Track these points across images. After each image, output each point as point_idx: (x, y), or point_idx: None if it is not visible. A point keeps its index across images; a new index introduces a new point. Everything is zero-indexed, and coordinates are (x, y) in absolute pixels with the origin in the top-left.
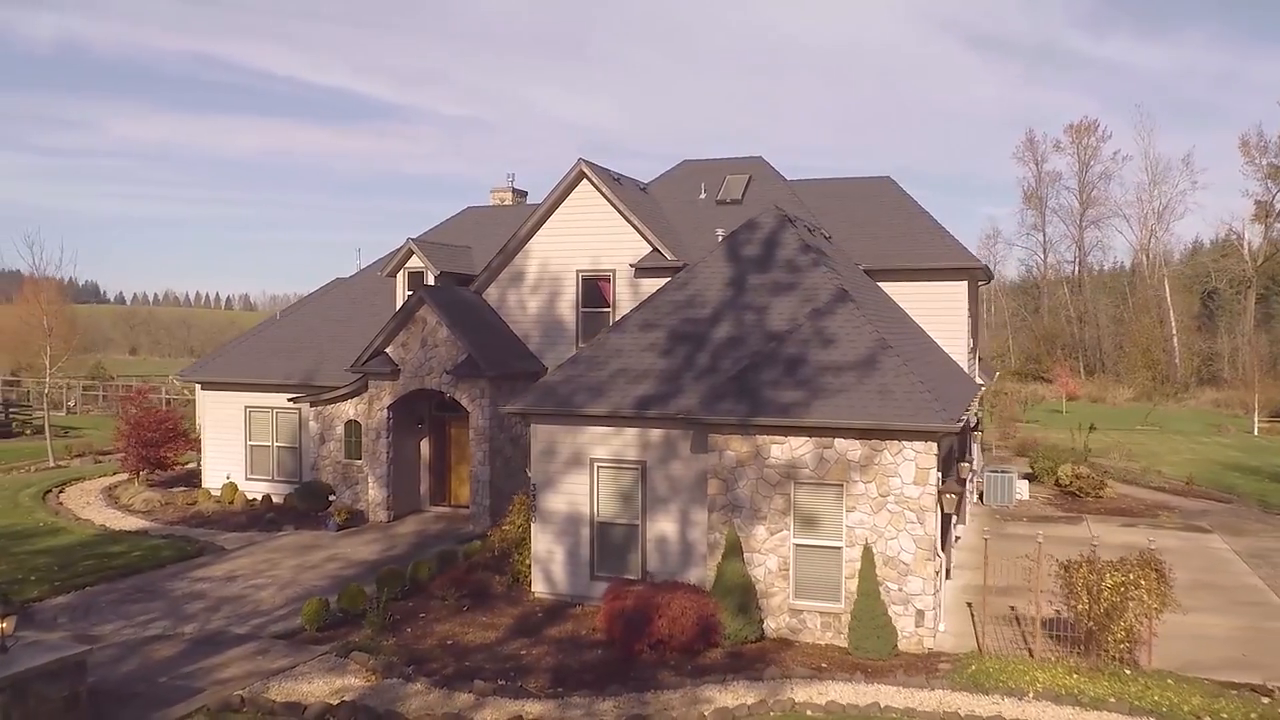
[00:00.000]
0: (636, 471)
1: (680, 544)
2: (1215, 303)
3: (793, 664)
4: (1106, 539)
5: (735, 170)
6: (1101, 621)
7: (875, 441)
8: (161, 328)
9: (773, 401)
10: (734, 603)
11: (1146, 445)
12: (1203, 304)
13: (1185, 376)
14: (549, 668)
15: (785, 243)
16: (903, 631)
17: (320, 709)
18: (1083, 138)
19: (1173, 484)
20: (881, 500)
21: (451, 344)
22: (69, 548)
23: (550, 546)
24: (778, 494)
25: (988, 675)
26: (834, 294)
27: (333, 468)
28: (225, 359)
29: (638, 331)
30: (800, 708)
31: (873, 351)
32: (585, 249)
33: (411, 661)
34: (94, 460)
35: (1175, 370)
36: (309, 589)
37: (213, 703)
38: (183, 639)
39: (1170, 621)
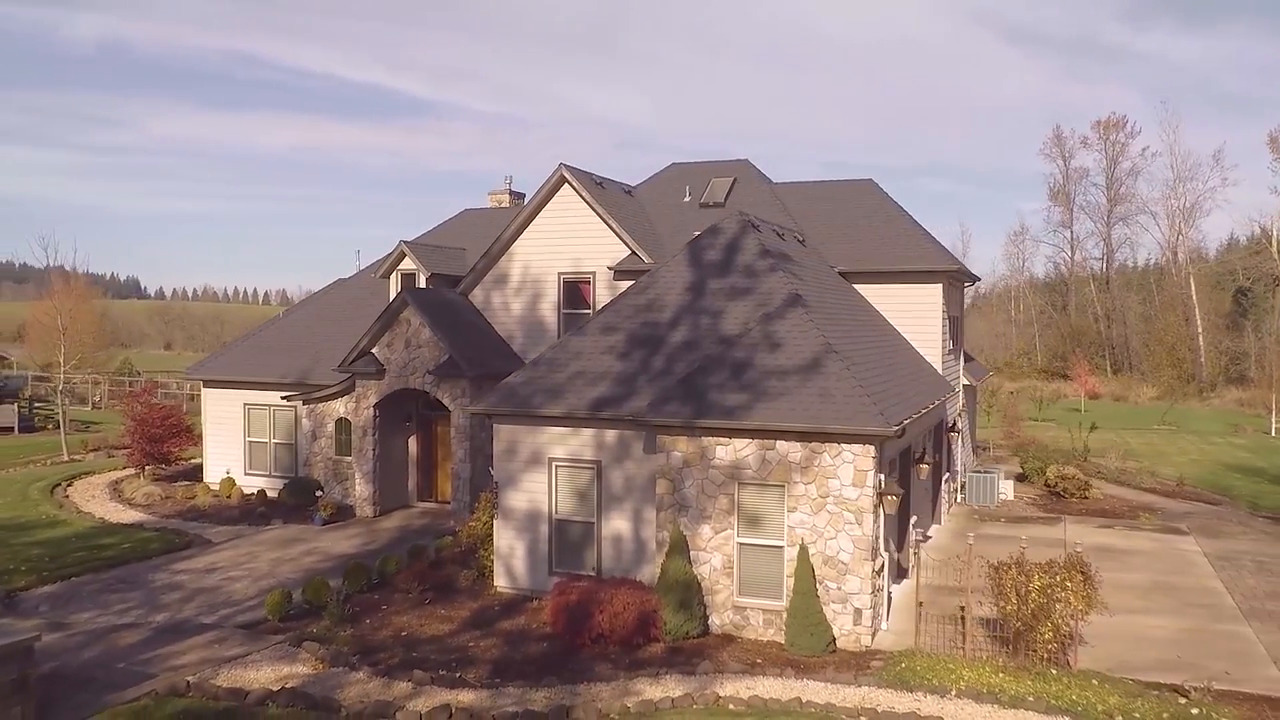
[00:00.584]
0: (593, 471)
1: (634, 541)
2: (1249, 300)
3: (729, 659)
4: (1079, 540)
5: (721, 173)
6: (1029, 622)
7: (815, 444)
8: (195, 323)
9: (718, 404)
10: (675, 599)
11: (1155, 445)
12: (1235, 302)
13: (1212, 375)
14: (492, 659)
15: (746, 248)
16: (841, 629)
17: (261, 695)
18: (1110, 134)
19: (1164, 485)
20: (821, 501)
21: (434, 345)
22: (64, 539)
23: (512, 542)
24: (722, 494)
25: (915, 673)
26: (785, 299)
27: (324, 464)
28: (227, 358)
29: (598, 334)
30: (723, 701)
31: (817, 355)
32: (566, 252)
33: (362, 652)
34: (108, 455)
35: (1200, 369)
36: (282, 581)
37: (161, 687)
38: (149, 627)
39: (1115, 623)
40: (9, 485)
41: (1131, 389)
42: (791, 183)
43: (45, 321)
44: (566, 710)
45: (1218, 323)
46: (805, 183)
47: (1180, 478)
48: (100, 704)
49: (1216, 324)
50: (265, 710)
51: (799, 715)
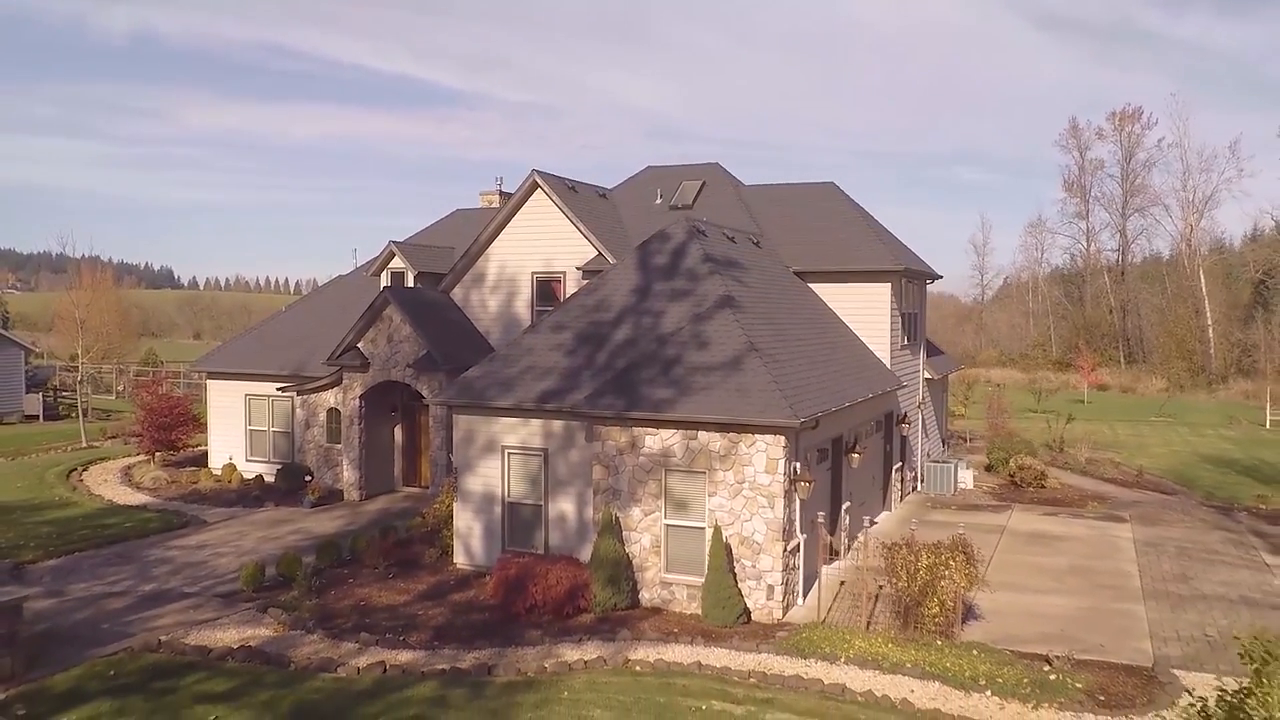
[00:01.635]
0: (540, 458)
1: (577, 522)
2: (1269, 291)
3: (649, 629)
4: (1017, 526)
5: (691, 176)
6: (917, 597)
7: (733, 434)
8: (223, 313)
9: (648, 398)
10: (605, 575)
11: (1142, 437)
12: (1255, 293)
13: (1222, 368)
14: (436, 625)
15: (690, 253)
16: (755, 604)
17: (222, 652)
18: (1126, 125)
19: (1125, 476)
20: (738, 486)
21: (414, 340)
22: (71, 519)
23: (470, 523)
24: (651, 479)
25: (812, 643)
26: (717, 301)
27: (316, 451)
28: (229, 351)
29: (549, 332)
30: (631, 664)
31: (739, 354)
32: (539, 252)
33: (322, 618)
34: (125, 442)
35: (1210, 361)
36: (264, 557)
37: (137, 645)
38: (136, 595)
39: (1018, 600)
40: (28, 470)
41: (1140, 381)
42: (758, 185)
43: (67, 314)
44: (489, 669)
45: (1231, 315)
46: (771, 185)
47: (1140, 468)
48: (82, 657)
49: (1230, 316)
50: (224, 664)
51: (695, 676)
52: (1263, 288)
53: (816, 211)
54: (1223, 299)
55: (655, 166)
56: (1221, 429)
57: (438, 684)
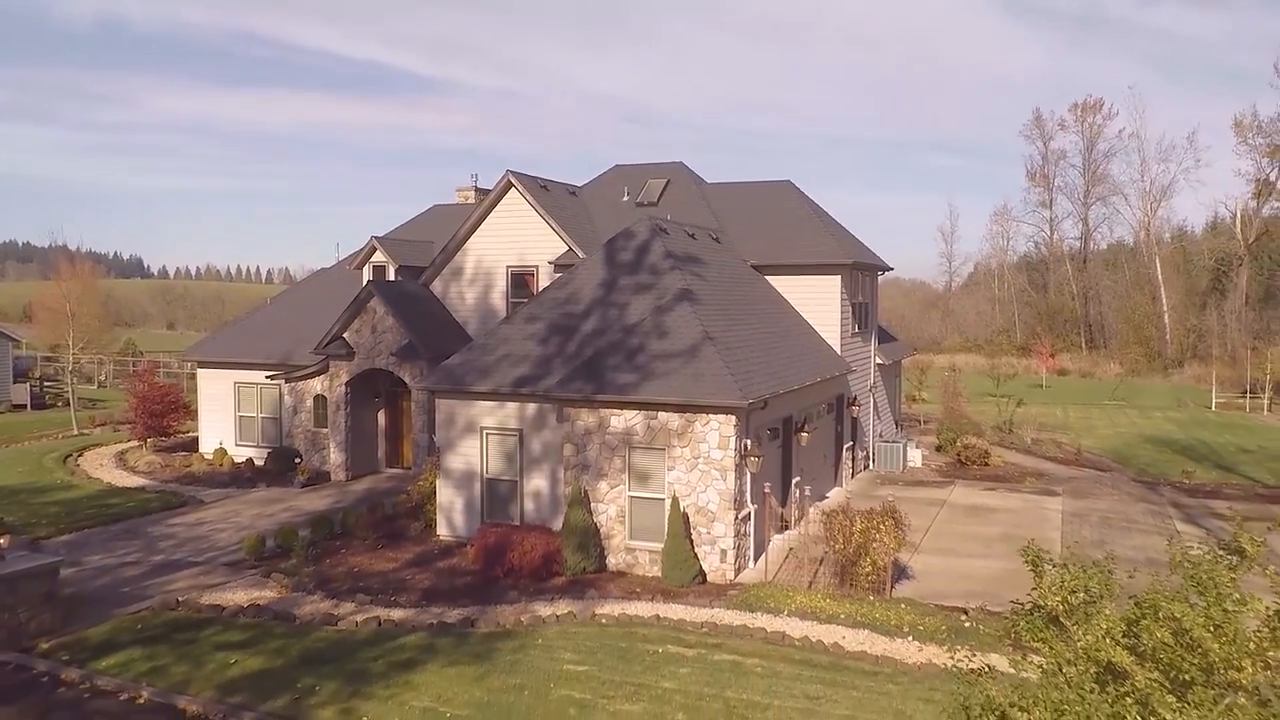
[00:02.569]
0: (516, 437)
1: (550, 496)
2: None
3: (615, 589)
4: (957, 500)
5: (657, 175)
6: (853, 558)
7: (690, 414)
8: (197, 303)
9: (613, 382)
10: (575, 542)
11: (1090, 419)
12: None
13: (1179, 353)
14: (424, 588)
15: (653, 249)
16: (710, 566)
17: (234, 610)
18: (1088, 116)
19: (1065, 454)
20: (694, 461)
21: (396, 330)
22: (76, 500)
23: (451, 497)
24: (617, 456)
25: (760, 599)
26: (676, 294)
27: (304, 435)
28: (218, 341)
29: (523, 323)
30: (598, 617)
31: (696, 343)
32: (514, 248)
33: (320, 582)
34: (114, 429)
35: (1166, 346)
36: (261, 531)
37: (156, 604)
38: (148, 565)
39: (948, 563)
40: (26, 456)
41: (1099, 366)
42: (720, 183)
43: (54, 306)
44: (472, 622)
45: (1189, 302)
46: (731, 183)
47: (1080, 448)
48: (109, 615)
49: (1187, 303)
50: (237, 620)
51: (654, 627)
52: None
53: (773, 208)
54: (1180, 286)
55: (622, 165)
56: (1169, 411)
57: (427, 634)
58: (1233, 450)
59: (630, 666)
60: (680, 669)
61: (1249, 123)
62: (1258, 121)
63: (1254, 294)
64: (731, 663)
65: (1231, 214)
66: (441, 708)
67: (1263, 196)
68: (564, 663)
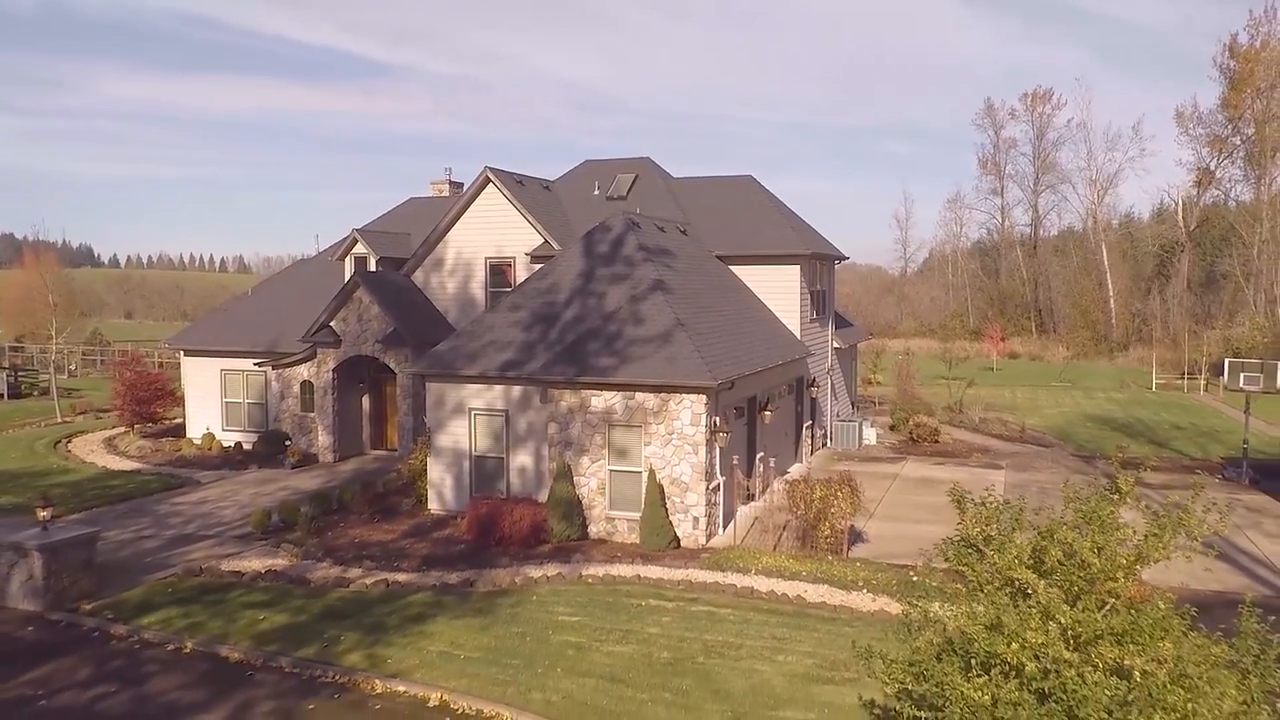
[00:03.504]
0: (503, 417)
1: (535, 471)
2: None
3: (597, 554)
4: (909, 474)
5: (625, 170)
6: (813, 522)
7: (664, 394)
8: (155, 292)
9: (593, 365)
10: (560, 512)
11: (1036, 399)
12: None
13: (1124, 336)
14: (423, 555)
15: (627, 242)
16: (684, 533)
17: (253, 575)
18: (1038, 106)
19: (1010, 432)
20: (669, 437)
21: (382, 318)
22: (79, 482)
23: (442, 474)
24: (597, 433)
25: (730, 560)
26: (650, 284)
27: (291, 419)
28: (204, 329)
29: (508, 311)
30: (585, 578)
31: (669, 329)
32: (492, 240)
33: (327, 551)
34: (95, 417)
35: (1112, 330)
36: (263, 507)
37: (181, 571)
38: (163, 538)
39: (900, 529)
40: (16, 443)
41: (1048, 349)
42: (685, 177)
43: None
44: (471, 583)
45: (1135, 287)
46: (696, 178)
47: (1024, 425)
48: (140, 581)
49: (1133, 288)
50: (257, 584)
51: (635, 585)
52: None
53: (736, 201)
54: (1126, 272)
55: (592, 160)
56: (1112, 392)
57: (432, 593)
58: (1167, 428)
59: (617, 617)
60: (662, 618)
61: (1190, 114)
62: (1198, 113)
63: (1195, 279)
64: (707, 612)
65: (1174, 202)
66: (455, 651)
67: (1203, 185)
68: (558, 615)
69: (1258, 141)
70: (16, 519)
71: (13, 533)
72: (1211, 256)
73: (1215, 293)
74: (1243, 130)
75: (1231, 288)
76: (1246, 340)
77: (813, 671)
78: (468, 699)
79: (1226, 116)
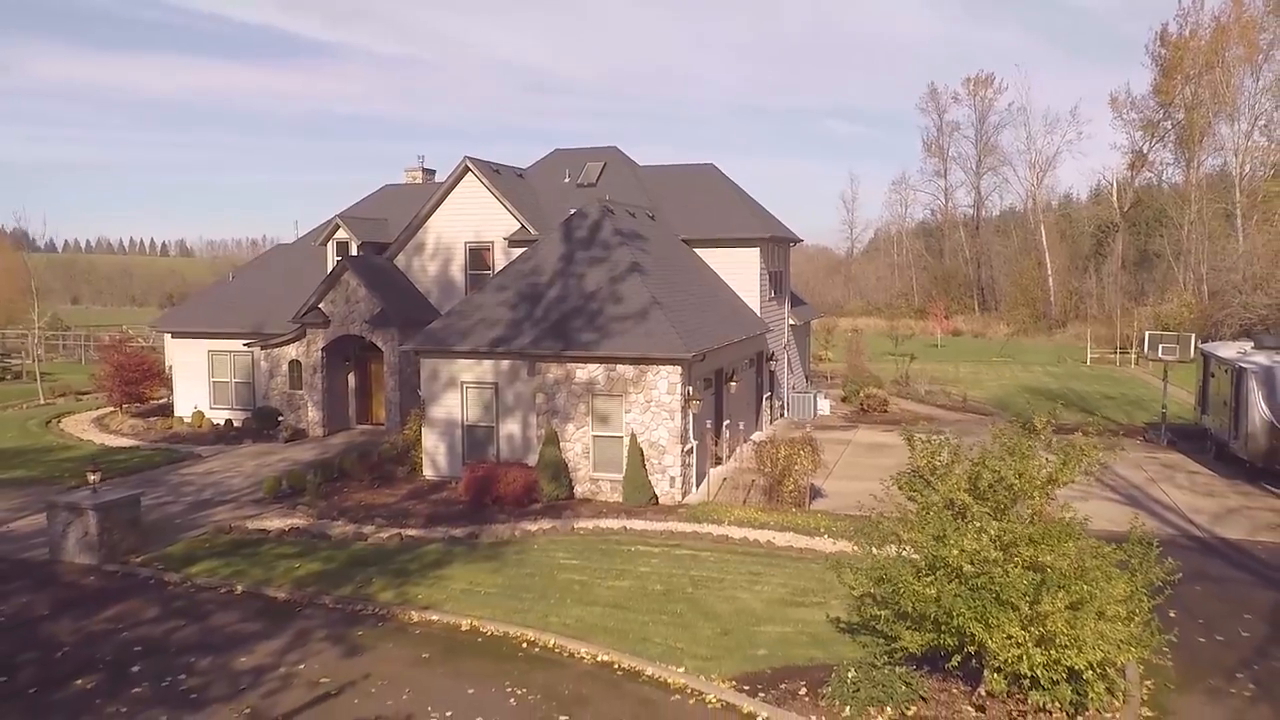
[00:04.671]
0: (492, 390)
1: (522, 437)
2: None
3: (585, 511)
4: (860, 440)
5: (594, 158)
6: (779, 479)
7: (643, 366)
8: (103, 277)
9: (577, 340)
10: (549, 474)
11: (978, 373)
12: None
13: (1062, 313)
14: (426, 514)
15: (603, 227)
16: (661, 491)
17: (278, 531)
18: (980, 90)
19: (953, 403)
20: (647, 404)
21: (369, 300)
22: (85, 456)
23: (436, 442)
24: (581, 402)
25: (704, 513)
26: (627, 266)
27: (280, 396)
28: (188, 312)
29: (495, 292)
30: (576, 530)
31: (645, 307)
32: (471, 226)
33: (339, 512)
34: (75, 399)
35: (1051, 308)
36: (269, 476)
37: (212, 530)
38: (184, 503)
39: (853, 486)
40: (7, 424)
41: (990, 326)
42: (651, 166)
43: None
44: (475, 536)
45: (1073, 266)
46: (661, 166)
47: (965, 396)
48: (177, 538)
49: (1071, 267)
50: (284, 539)
51: (623, 535)
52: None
53: (699, 189)
54: (1064, 251)
55: (562, 149)
56: (1049, 366)
57: (441, 544)
58: (1098, 397)
59: (612, 560)
60: (651, 560)
61: (1124, 99)
62: (1131, 98)
63: (1129, 259)
64: (690, 555)
65: (1109, 184)
66: (474, 588)
67: (1136, 168)
68: (559, 559)
69: (1187, 127)
70: (41, 488)
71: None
72: (1144, 236)
73: (1149, 271)
74: (1173, 115)
75: (1163, 266)
76: (1175, 316)
77: (786, 598)
78: (494, 624)
79: (1158, 102)
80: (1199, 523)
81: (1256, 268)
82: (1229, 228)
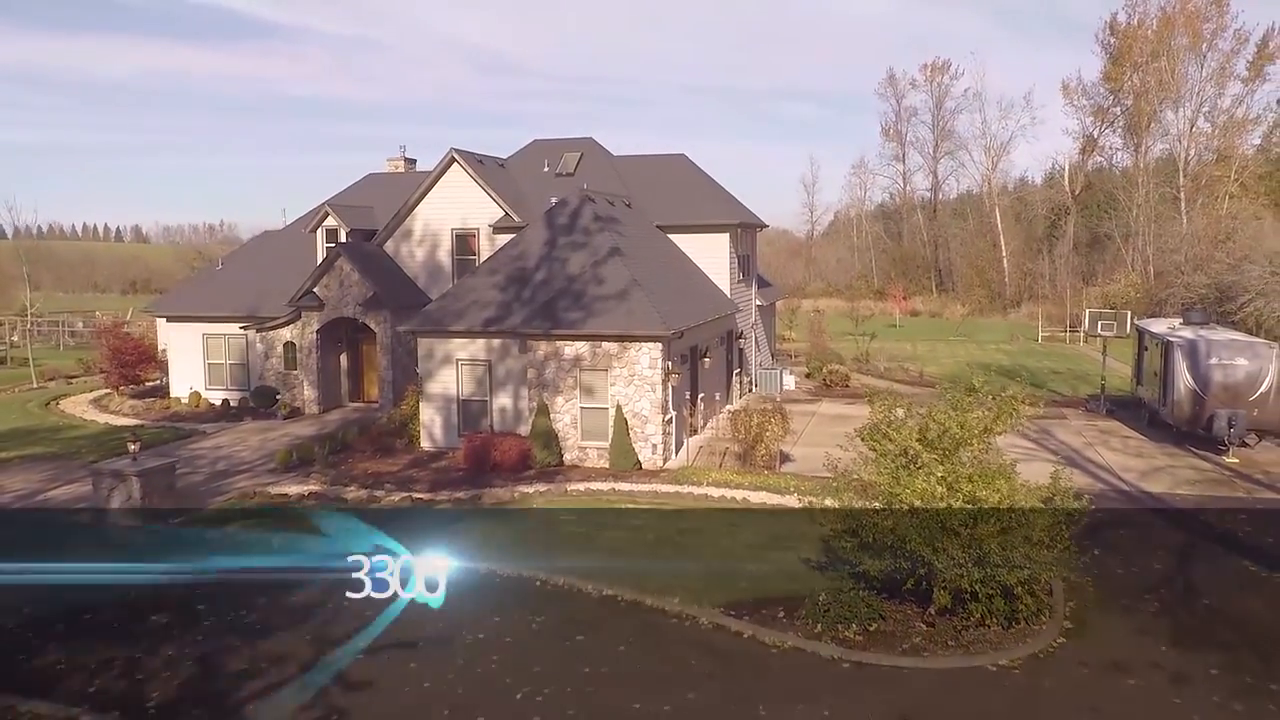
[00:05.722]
0: (485, 366)
1: (514, 410)
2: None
3: (575, 475)
4: (825, 411)
5: (571, 149)
6: (752, 444)
7: (625, 342)
8: (64, 264)
9: (565, 319)
10: (541, 443)
11: (935, 351)
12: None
13: (1016, 294)
14: (429, 481)
15: (585, 214)
16: (644, 457)
17: (298, 497)
18: (936, 76)
19: (911, 378)
20: (631, 378)
21: (362, 285)
22: (93, 435)
23: (433, 416)
24: (569, 376)
25: (685, 476)
26: (608, 250)
27: (275, 377)
28: (182, 297)
29: (485, 275)
30: (570, 492)
31: (627, 288)
32: (457, 213)
33: (349, 479)
34: (65, 382)
35: (1005, 288)
36: (277, 449)
37: (237, 495)
38: (202, 474)
39: (818, 452)
40: (7, 407)
41: (947, 307)
42: (625, 155)
43: None
44: (479, 498)
45: (1027, 248)
46: (635, 156)
47: (922, 372)
48: (207, 503)
49: (1025, 249)
50: (304, 502)
51: (612, 495)
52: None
53: (671, 177)
54: (1019, 234)
55: (540, 140)
56: (1002, 344)
57: (449, 505)
58: (1047, 372)
59: (605, 516)
60: (641, 516)
61: (1075, 86)
62: (1082, 84)
63: (1080, 240)
64: (675, 511)
65: (1061, 168)
66: (487, 539)
67: (1087, 153)
68: (559, 516)
69: (1135, 113)
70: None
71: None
72: (1095, 219)
73: (1099, 253)
74: (1122, 101)
75: (1113, 248)
76: (1122, 295)
77: (763, 542)
78: (509, 567)
79: (1108, 89)
80: (1128, 479)
81: (1198, 249)
82: (1174, 210)
